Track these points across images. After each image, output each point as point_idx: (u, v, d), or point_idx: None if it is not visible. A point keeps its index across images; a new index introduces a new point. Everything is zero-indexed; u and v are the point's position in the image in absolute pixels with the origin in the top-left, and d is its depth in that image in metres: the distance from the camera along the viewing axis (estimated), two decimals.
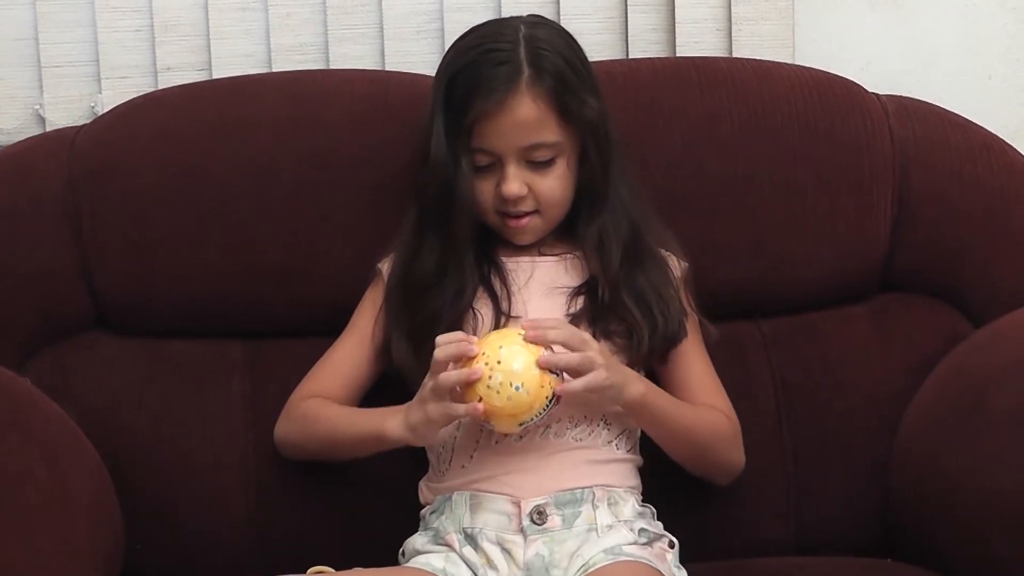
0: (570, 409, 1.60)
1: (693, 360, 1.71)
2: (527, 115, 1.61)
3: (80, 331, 1.80)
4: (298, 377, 1.74)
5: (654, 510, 1.67)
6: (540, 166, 1.64)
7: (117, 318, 1.80)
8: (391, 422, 1.60)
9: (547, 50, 1.63)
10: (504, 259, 1.70)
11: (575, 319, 1.64)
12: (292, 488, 1.75)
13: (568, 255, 1.70)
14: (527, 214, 1.66)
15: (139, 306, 1.79)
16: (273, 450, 1.75)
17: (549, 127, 1.63)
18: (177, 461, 1.75)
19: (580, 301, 1.67)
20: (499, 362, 1.51)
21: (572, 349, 1.54)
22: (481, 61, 1.62)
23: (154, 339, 1.80)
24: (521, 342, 1.52)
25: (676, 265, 1.72)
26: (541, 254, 1.71)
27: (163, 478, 1.75)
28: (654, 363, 1.68)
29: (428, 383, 1.54)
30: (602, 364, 1.54)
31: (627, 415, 1.63)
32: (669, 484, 1.69)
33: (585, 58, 1.68)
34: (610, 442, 1.64)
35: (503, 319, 1.65)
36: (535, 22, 1.68)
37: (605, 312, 1.65)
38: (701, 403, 1.69)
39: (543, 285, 1.69)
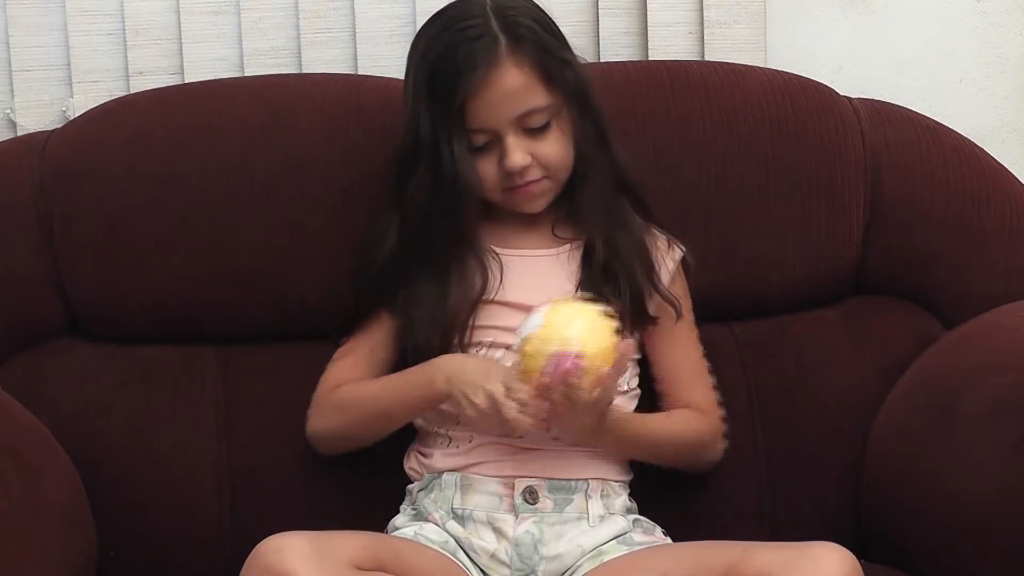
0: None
1: (681, 346, 1.72)
2: (514, 83, 1.61)
3: (52, 337, 1.79)
4: (270, 383, 1.75)
5: (636, 505, 1.69)
6: (537, 132, 1.63)
7: (89, 324, 1.80)
8: (437, 384, 1.59)
9: (517, 15, 1.63)
10: (502, 249, 1.69)
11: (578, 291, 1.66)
12: (266, 495, 1.75)
13: (567, 244, 1.71)
14: (535, 180, 1.65)
15: (111, 312, 1.79)
16: (246, 456, 1.75)
17: (537, 91, 1.62)
18: (150, 467, 1.75)
19: (576, 269, 1.68)
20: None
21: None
22: (456, 41, 1.61)
23: (126, 345, 1.79)
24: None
25: (667, 248, 1.73)
26: (540, 245, 1.71)
27: (136, 485, 1.75)
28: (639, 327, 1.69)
29: (498, 387, 1.53)
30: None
31: None
32: (641, 486, 1.70)
33: (553, 20, 1.68)
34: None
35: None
36: None
37: (601, 274, 1.66)
38: (680, 395, 1.70)
39: (542, 276, 1.69)
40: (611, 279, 1.67)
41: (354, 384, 1.68)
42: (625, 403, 1.67)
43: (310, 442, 1.71)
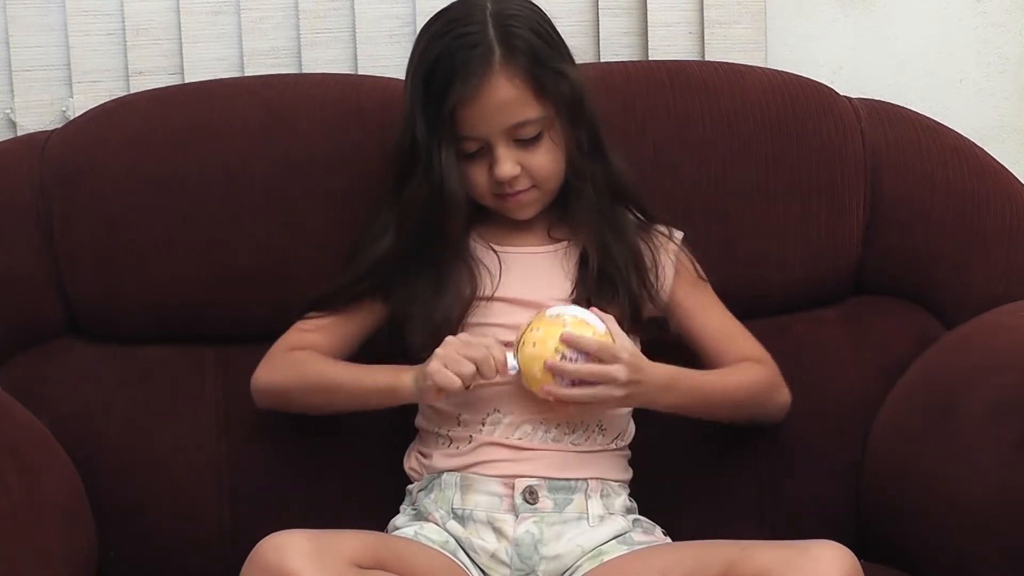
0: (569, 414, 1.62)
1: (713, 312, 1.73)
2: (505, 96, 1.61)
3: (52, 337, 1.79)
4: None
5: (636, 505, 1.69)
6: (528, 143, 1.63)
7: (89, 324, 1.80)
8: (405, 375, 1.60)
9: (516, 26, 1.63)
10: (501, 247, 1.70)
11: (574, 291, 1.67)
12: (265, 493, 1.75)
13: (564, 241, 1.71)
14: (524, 190, 1.66)
15: (111, 312, 1.79)
16: (246, 456, 1.75)
17: (529, 104, 1.62)
18: (150, 467, 1.75)
19: (573, 267, 1.68)
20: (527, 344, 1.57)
21: (601, 360, 1.56)
22: (453, 47, 1.61)
23: (126, 345, 1.79)
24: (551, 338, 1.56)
25: (667, 239, 1.73)
26: (537, 242, 1.71)
27: (136, 484, 1.75)
28: (636, 331, 1.69)
29: (461, 338, 1.57)
30: (622, 383, 1.56)
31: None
32: (642, 486, 1.70)
33: (554, 27, 1.68)
34: (606, 445, 1.66)
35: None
36: None
37: (597, 281, 1.66)
38: (730, 356, 1.70)
39: (540, 272, 1.69)
40: (607, 286, 1.67)
41: (317, 355, 1.68)
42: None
43: (252, 394, 1.70)
